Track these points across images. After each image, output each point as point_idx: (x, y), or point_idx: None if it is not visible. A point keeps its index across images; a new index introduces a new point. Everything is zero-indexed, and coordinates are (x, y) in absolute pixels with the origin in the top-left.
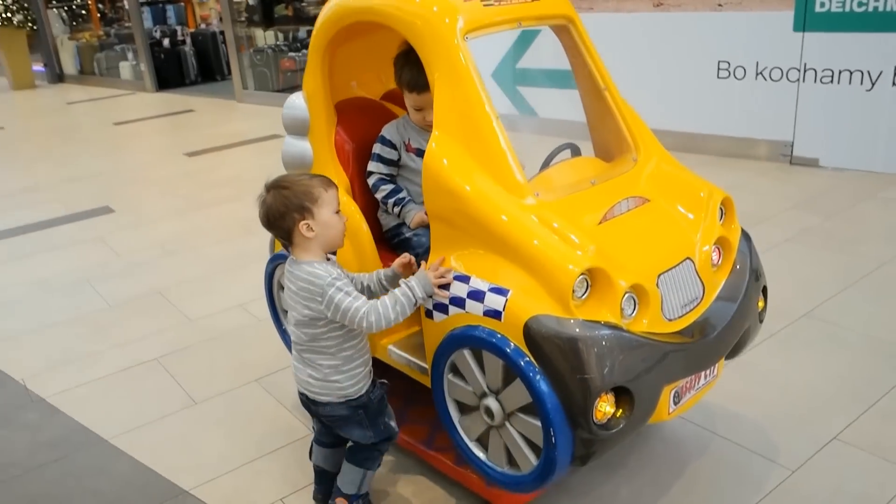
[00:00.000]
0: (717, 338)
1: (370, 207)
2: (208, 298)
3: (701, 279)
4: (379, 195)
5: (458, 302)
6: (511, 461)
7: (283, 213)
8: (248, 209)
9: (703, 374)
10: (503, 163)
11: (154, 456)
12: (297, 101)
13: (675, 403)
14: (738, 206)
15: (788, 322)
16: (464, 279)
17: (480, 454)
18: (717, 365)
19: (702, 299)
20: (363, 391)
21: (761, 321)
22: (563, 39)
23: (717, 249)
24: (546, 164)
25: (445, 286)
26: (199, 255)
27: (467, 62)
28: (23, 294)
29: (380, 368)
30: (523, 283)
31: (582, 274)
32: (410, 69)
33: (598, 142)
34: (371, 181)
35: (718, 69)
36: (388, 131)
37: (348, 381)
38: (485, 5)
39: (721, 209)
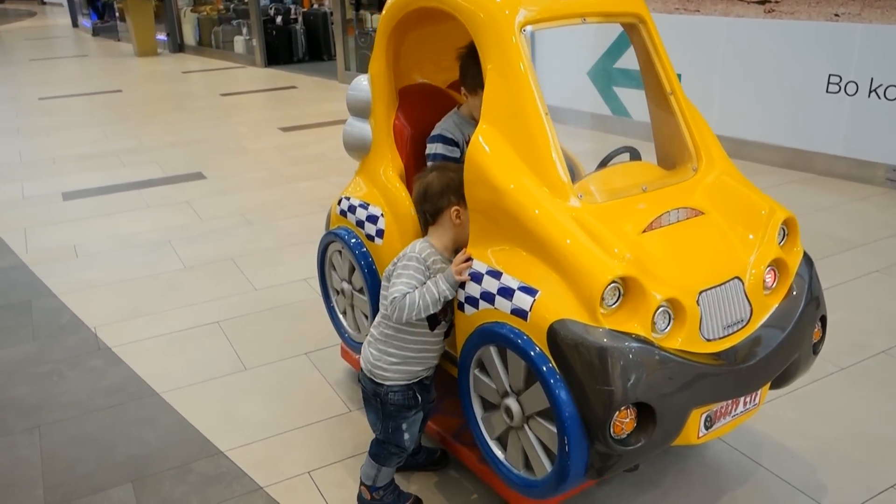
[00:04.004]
0: (757, 364)
1: None
2: (276, 270)
3: (749, 301)
4: None
5: (488, 297)
6: (527, 464)
7: (443, 192)
8: (329, 187)
9: (741, 400)
10: (548, 161)
11: (198, 414)
12: (361, 83)
13: (707, 428)
14: (832, 230)
15: (863, 357)
16: (496, 275)
17: (499, 453)
18: (759, 393)
19: (748, 322)
20: (386, 382)
21: (816, 353)
22: (632, 38)
23: (772, 271)
24: (601, 166)
25: (465, 282)
26: (275, 227)
27: (522, 55)
28: (107, 248)
29: None
30: (554, 285)
31: (613, 282)
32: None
33: (661, 148)
34: None
35: (829, 83)
36: (446, 130)
37: (378, 360)
38: None
39: (783, 229)
